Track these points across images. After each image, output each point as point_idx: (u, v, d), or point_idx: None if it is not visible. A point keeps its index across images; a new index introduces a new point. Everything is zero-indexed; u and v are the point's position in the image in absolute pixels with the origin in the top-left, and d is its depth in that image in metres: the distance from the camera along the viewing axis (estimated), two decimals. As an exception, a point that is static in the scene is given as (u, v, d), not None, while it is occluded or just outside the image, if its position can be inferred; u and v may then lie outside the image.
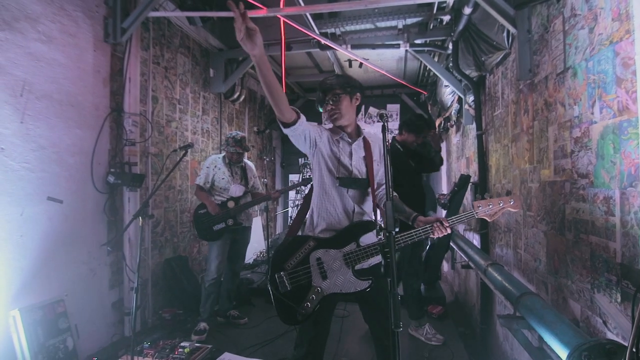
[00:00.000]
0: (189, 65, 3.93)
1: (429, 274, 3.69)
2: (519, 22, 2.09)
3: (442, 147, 3.43)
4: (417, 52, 3.73)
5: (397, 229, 1.26)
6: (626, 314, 1.20)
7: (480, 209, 1.57)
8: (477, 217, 1.57)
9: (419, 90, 5.40)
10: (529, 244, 2.11)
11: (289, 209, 6.83)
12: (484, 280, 2.31)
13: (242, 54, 4.14)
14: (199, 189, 3.14)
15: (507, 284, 1.93)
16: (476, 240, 3.20)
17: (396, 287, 1.15)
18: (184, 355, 2.40)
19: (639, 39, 1.13)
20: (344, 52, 3.85)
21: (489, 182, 2.96)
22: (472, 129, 3.39)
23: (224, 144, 3.24)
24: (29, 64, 2.20)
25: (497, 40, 2.39)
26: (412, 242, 1.50)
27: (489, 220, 1.60)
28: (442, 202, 3.39)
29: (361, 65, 4.47)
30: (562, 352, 1.25)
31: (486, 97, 3.01)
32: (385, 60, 4.80)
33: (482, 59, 2.70)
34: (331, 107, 1.67)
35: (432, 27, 3.45)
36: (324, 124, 1.79)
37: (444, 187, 5.45)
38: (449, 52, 3.40)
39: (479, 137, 3.05)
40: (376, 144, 1.78)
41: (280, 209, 6.79)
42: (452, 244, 3.43)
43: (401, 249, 1.56)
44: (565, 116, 1.63)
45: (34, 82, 2.23)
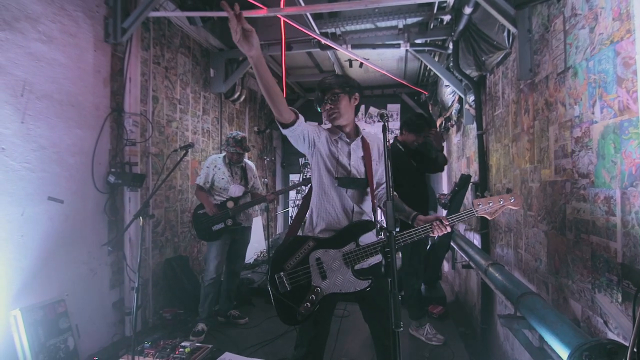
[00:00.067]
0: (190, 65, 3.94)
1: (429, 274, 3.69)
2: (520, 22, 2.09)
3: (444, 146, 3.42)
4: (417, 51, 3.73)
5: (397, 229, 1.26)
6: (627, 314, 1.19)
7: (480, 207, 1.56)
8: (477, 215, 1.56)
9: (420, 90, 5.40)
10: (529, 243, 2.11)
11: (289, 209, 6.83)
12: (485, 280, 2.31)
13: (243, 54, 4.11)
14: (199, 188, 3.15)
15: (507, 284, 1.93)
16: (477, 240, 3.20)
17: (396, 287, 1.14)
18: (184, 355, 2.41)
19: (640, 39, 1.13)
20: (345, 52, 3.84)
21: (489, 182, 2.96)
22: (472, 129, 3.39)
23: (224, 144, 3.24)
24: (29, 64, 2.21)
25: (497, 40, 2.39)
26: (411, 241, 1.51)
27: (489, 218, 1.59)
28: (443, 202, 3.39)
29: (361, 65, 4.47)
30: (563, 352, 1.25)
31: (487, 96, 3.00)
32: (385, 60, 4.80)
33: (483, 59, 2.69)
34: (330, 106, 1.67)
35: (432, 26, 3.44)
36: (324, 124, 1.79)
37: (445, 187, 5.45)
38: (450, 51, 3.40)
39: (480, 137, 3.05)
40: (375, 143, 1.77)
41: (280, 209, 6.80)
42: (452, 244, 3.43)
43: (401, 248, 1.56)
44: (565, 116, 1.63)
45: (34, 82, 2.23)
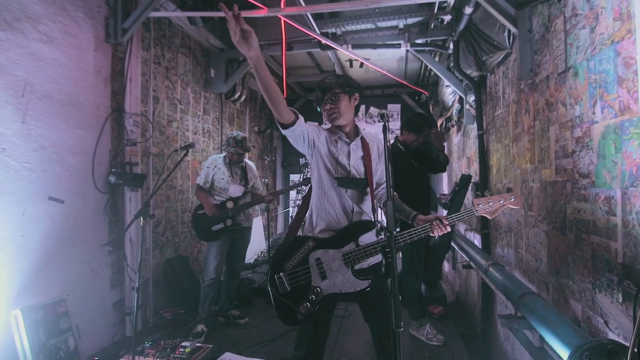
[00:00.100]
0: (190, 65, 3.94)
1: (429, 274, 3.69)
2: (520, 22, 2.09)
3: (444, 146, 3.41)
4: (418, 51, 3.73)
5: (397, 229, 1.26)
6: (627, 314, 1.19)
7: (480, 206, 1.56)
8: (477, 214, 1.56)
9: (420, 90, 5.40)
10: (530, 244, 2.10)
11: (290, 209, 6.83)
12: (485, 280, 2.31)
13: (243, 54, 4.14)
14: (199, 189, 3.15)
15: (508, 284, 1.93)
16: (477, 240, 3.19)
17: (397, 287, 1.14)
18: (185, 355, 2.41)
19: (641, 39, 1.13)
20: (345, 52, 3.85)
21: (490, 182, 2.96)
22: (473, 129, 3.38)
23: (224, 144, 3.24)
24: (30, 64, 2.21)
25: (498, 40, 2.39)
26: (411, 240, 1.51)
27: (489, 217, 1.59)
28: (443, 202, 3.39)
29: (362, 65, 4.47)
30: (563, 352, 1.25)
31: (487, 96, 3.00)
32: (386, 60, 4.80)
33: (483, 59, 2.69)
34: (330, 106, 1.67)
35: (433, 26, 3.44)
36: (324, 124, 1.79)
37: (445, 187, 5.45)
38: (450, 51, 3.40)
39: (480, 137, 3.05)
40: (374, 143, 1.77)
41: (281, 209, 6.80)
42: (453, 244, 3.43)
43: (401, 248, 1.56)
44: (566, 116, 1.63)
45: (35, 82, 2.24)
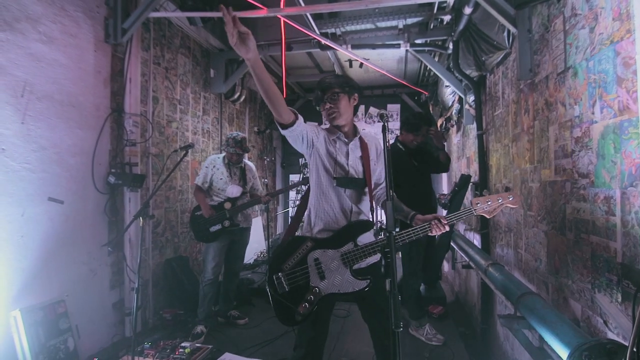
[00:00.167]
0: (190, 65, 3.94)
1: (429, 274, 3.68)
2: (520, 22, 2.09)
3: (445, 145, 3.40)
4: (417, 52, 3.73)
5: (397, 229, 1.26)
6: (627, 313, 1.19)
7: (478, 205, 1.56)
8: (475, 214, 1.56)
9: (420, 90, 5.40)
10: (529, 243, 2.11)
11: (289, 209, 6.82)
12: (485, 280, 2.31)
13: (243, 54, 4.14)
14: (198, 189, 3.14)
15: (507, 284, 1.93)
16: (477, 240, 3.20)
17: (396, 287, 1.14)
18: (184, 355, 2.41)
19: (640, 39, 1.13)
20: (345, 52, 3.85)
21: (489, 182, 2.96)
22: (472, 129, 3.38)
23: (224, 144, 3.24)
24: (29, 65, 2.21)
25: (497, 40, 2.39)
26: (410, 240, 1.51)
27: (488, 217, 1.60)
28: (443, 202, 3.38)
29: (361, 65, 4.47)
30: (562, 352, 1.25)
31: (487, 96, 3.00)
32: (385, 60, 4.80)
33: (483, 59, 2.69)
34: (330, 105, 1.67)
35: (432, 27, 3.44)
36: (323, 124, 1.79)
37: (445, 187, 5.45)
38: (450, 52, 3.40)
39: (480, 137, 3.05)
40: (373, 143, 1.78)
41: (280, 209, 6.80)
42: (452, 244, 3.43)
43: (400, 248, 1.57)
44: (565, 116, 1.63)
45: (34, 82, 2.23)
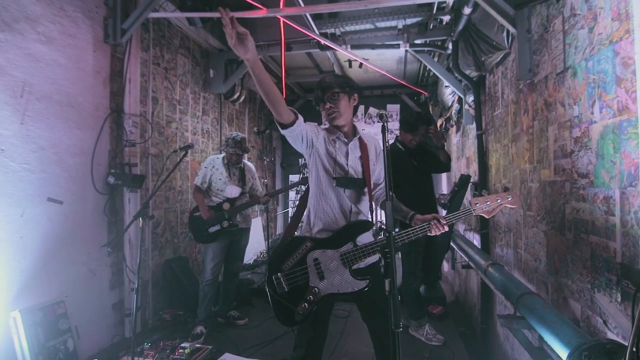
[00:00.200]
0: (189, 65, 3.94)
1: (428, 274, 3.68)
2: (519, 22, 2.09)
3: (444, 144, 3.37)
4: (417, 52, 3.73)
5: (397, 229, 1.26)
6: (626, 313, 1.19)
7: (477, 206, 1.56)
8: (474, 214, 1.57)
9: (419, 90, 5.40)
10: (529, 243, 2.11)
11: (289, 209, 6.82)
12: (485, 280, 2.31)
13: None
14: (197, 190, 3.13)
15: (507, 284, 1.93)
16: (476, 240, 3.20)
17: (396, 288, 1.14)
18: (184, 356, 2.41)
19: (639, 39, 1.13)
20: (344, 53, 3.85)
21: (489, 182, 2.96)
22: (472, 129, 3.39)
23: (223, 145, 3.23)
24: (28, 65, 2.20)
25: (496, 40, 2.39)
26: (409, 240, 1.51)
27: (487, 217, 1.60)
28: (442, 202, 3.38)
29: (361, 65, 4.47)
30: (562, 352, 1.25)
31: (486, 97, 3.01)
32: (385, 60, 4.80)
33: (482, 59, 2.69)
34: (330, 105, 1.67)
35: (432, 27, 3.44)
36: (323, 124, 1.79)
37: (444, 187, 5.46)
38: (449, 52, 3.40)
39: (479, 137, 3.05)
40: (372, 144, 1.78)
41: (280, 210, 6.79)
42: (452, 244, 3.43)
43: (399, 248, 1.57)
44: (565, 116, 1.63)
45: (33, 83, 2.23)
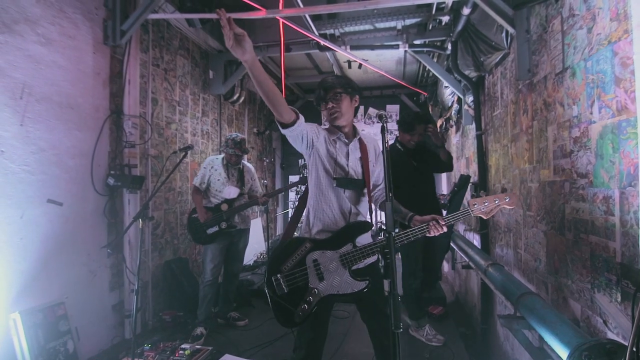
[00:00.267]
0: (189, 67, 3.94)
1: (429, 275, 3.68)
2: (518, 23, 2.10)
3: (444, 143, 3.34)
4: (416, 52, 3.73)
5: (397, 230, 1.26)
6: (626, 313, 1.19)
7: (475, 206, 1.58)
8: (472, 214, 1.58)
9: (419, 90, 5.41)
10: (529, 244, 2.11)
11: (289, 210, 6.82)
12: (485, 280, 2.31)
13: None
14: (195, 191, 3.12)
15: (507, 284, 1.93)
16: (476, 240, 3.20)
17: (396, 288, 1.14)
18: (184, 357, 2.40)
19: (638, 39, 1.13)
20: (343, 53, 3.85)
21: (488, 182, 2.96)
22: (471, 129, 3.39)
23: (223, 145, 3.23)
24: (28, 67, 2.20)
25: (496, 40, 2.39)
26: (408, 241, 1.52)
27: (485, 217, 1.61)
28: (442, 202, 3.39)
29: (360, 66, 4.47)
30: (562, 352, 1.25)
31: (485, 97, 3.01)
32: (384, 61, 4.81)
33: (481, 60, 2.70)
34: (332, 105, 1.67)
35: (431, 27, 3.45)
36: (323, 125, 1.79)
37: (444, 187, 5.46)
38: (448, 52, 3.40)
39: (479, 137, 3.05)
40: (372, 145, 1.78)
41: (280, 210, 6.79)
42: (452, 244, 3.43)
43: (399, 249, 1.57)
44: (564, 116, 1.63)
45: (33, 84, 2.23)
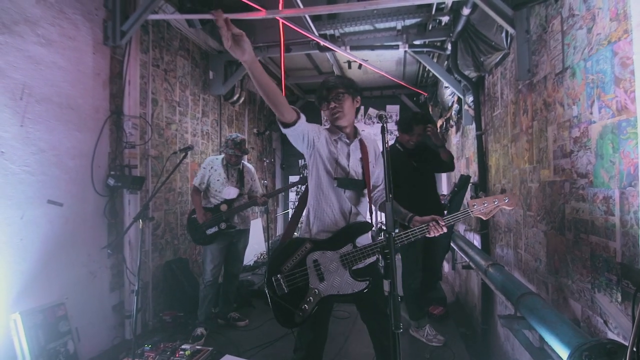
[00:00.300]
0: (189, 67, 3.94)
1: (429, 275, 3.67)
2: (518, 23, 2.10)
3: (444, 143, 3.33)
4: (416, 52, 3.73)
5: (397, 230, 1.26)
6: (627, 313, 1.19)
7: (475, 207, 1.58)
8: (472, 215, 1.58)
9: (419, 91, 5.41)
10: (529, 244, 2.11)
11: (289, 210, 6.82)
12: (485, 280, 2.31)
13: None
14: (195, 191, 3.12)
15: (507, 284, 1.93)
16: (477, 240, 3.20)
17: (396, 288, 1.14)
18: (184, 357, 2.40)
19: (637, 39, 1.13)
20: (343, 54, 3.85)
21: (488, 183, 2.96)
22: (471, 129, 3.39)
23: (223, 146, 3.23)
24: (28, 67, 2.21)
25: (495, 40, 2.39)
26: (408, 241, 1.52)
27: (484, 218, 1.61)
28: (442, 202, 3.38)
29: (360, 66, 4.47)
30: (563, 352, 1.25)
31: (485, 97, 3.01)
32: (384, 61, 4.81)
33: (481, 60, 2.70)
34: (334, 105, 1.67)
35: (431, 28, 3.45)
36: (324, 125, 1.79)
37: (444, 188, 5.46)
38: (448, 53, 3.40)
39: (479, 138, 3.05)
40: (372, 145, 1.78)
41: (280, 211, 6.79)
42: (452, 245, 3.43)
43: (399, 249, 1.57)
44: (564, 116, 1.63)
45: (33, 85, 2.23)
